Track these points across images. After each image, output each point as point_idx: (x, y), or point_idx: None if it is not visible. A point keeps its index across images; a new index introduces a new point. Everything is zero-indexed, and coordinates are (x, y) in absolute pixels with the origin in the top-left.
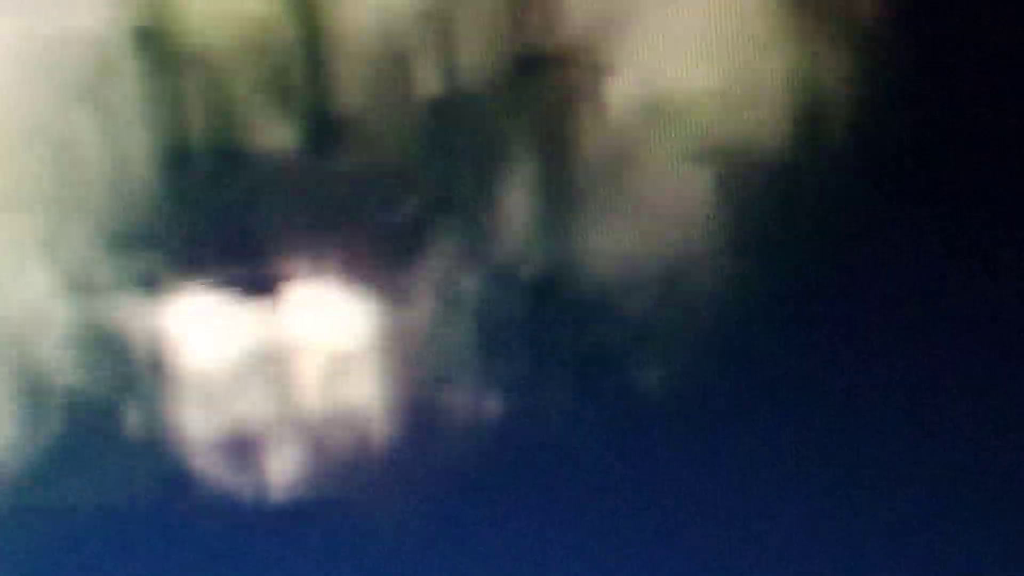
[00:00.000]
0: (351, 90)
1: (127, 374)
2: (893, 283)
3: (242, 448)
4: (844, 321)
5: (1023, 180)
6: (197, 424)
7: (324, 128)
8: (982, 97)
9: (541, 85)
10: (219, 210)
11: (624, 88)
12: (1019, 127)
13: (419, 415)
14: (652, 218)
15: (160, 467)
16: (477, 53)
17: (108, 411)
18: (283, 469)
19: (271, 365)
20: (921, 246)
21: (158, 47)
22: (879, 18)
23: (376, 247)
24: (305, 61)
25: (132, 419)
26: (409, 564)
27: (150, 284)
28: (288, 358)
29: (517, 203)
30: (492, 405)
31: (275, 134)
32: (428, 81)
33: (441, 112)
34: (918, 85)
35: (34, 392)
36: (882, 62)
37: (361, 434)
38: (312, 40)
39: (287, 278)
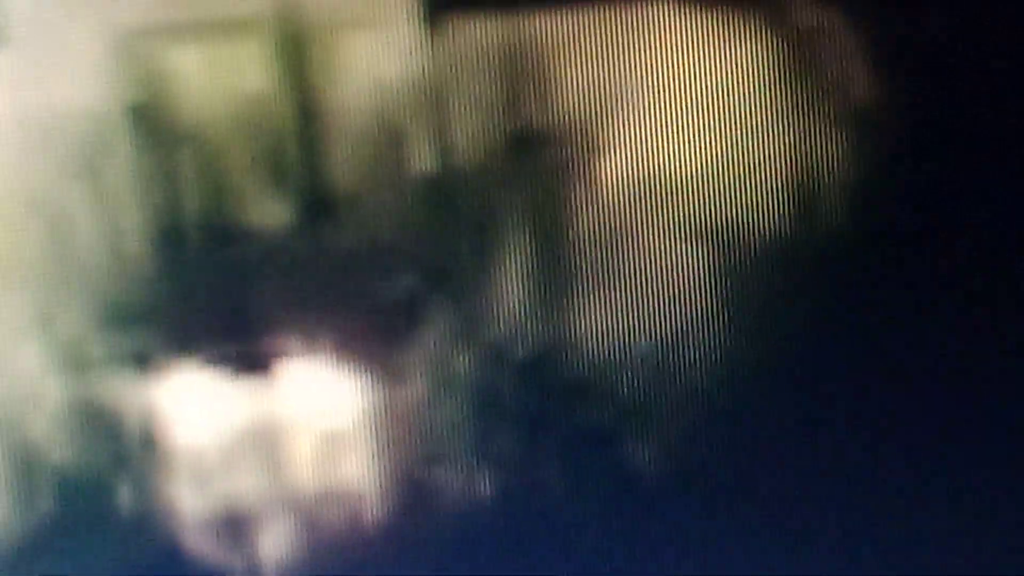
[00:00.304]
0: (345, 168)
1: (118, 451)
2: (892, 360)
3: (234, 526)
4: (843, 396)
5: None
6: (188, 502)
7: (318, 206)
8: (982, 176)
9: (535, 163)
10: (212, 287)
11: (618, 167)
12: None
13: (411, 493)
14: (646, 296)
15: (151, 545)
16: (471, 131)
17: (99, 489)
18: (275, 546)
19: (263, 443)
20: (921, 324)
21: (153, 124)
22: (877, 97)
23: (369, 325)
24: (299, 139)
25: (123, 497)
26: None
27: (142, 361)
28: (280, 436)
29: (510, 281)
30: (485, 483)
31: (269, 211)
32: (422, 159)
33: (434, 190)
34: (917, 164)
35: (25, 470)
36: (879, 141)
37: (353, 512)
38: (306, 118)
39: (280, 355)
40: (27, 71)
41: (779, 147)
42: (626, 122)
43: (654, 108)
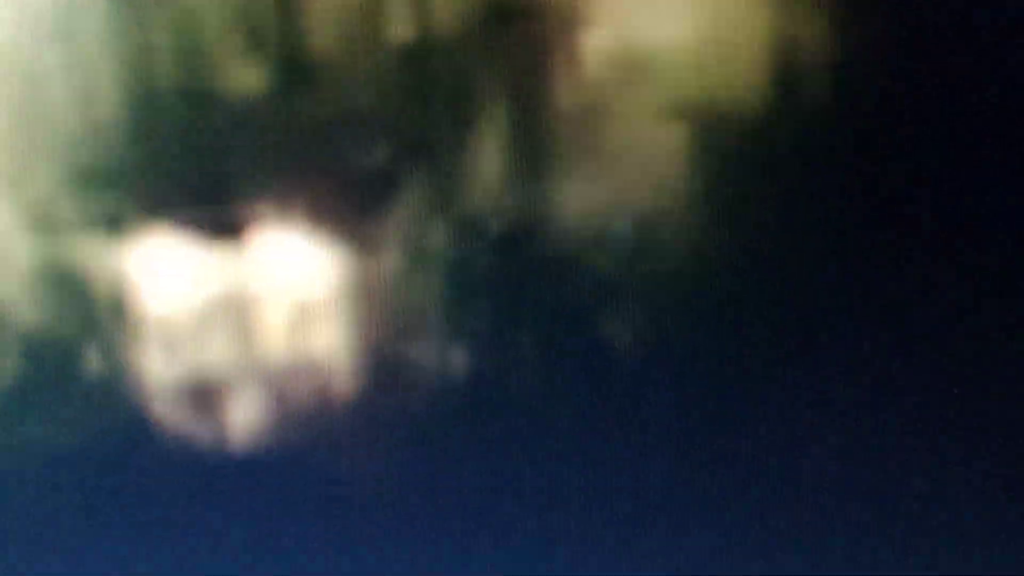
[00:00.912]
0: (323, 34)
1: (87, 315)
2: (866, 244)
3: (203, 395)
4: (817, 281)
5: (1000, 146)
6: (158, 369)
7: (294, 72)
8: (964, 61)
9: (515, 35)
10: (185, 151)
11: (599, 41)
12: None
13: (383, 366)
14: (624, 173)
15: (119, 412)
16: (452, 1)
17: (68, 352)
18: (245, 417)
19: (235, 310)
20: (896, 207)
21: None
22: None
23: (344, 194)
24: (277, 3)
25: (91, 362)
26: (370, 517)
27: (114, 224)
28: (252, 304)
29: (488, 154)
30: (458, 358)
31: (245, 76)
32: (401, 27)
33: (414, 60)
34: (898, 45)
35: None
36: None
37: (324, 384)
38: None
39: (252, 222)
40: None
41: (761, 26)
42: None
43: None
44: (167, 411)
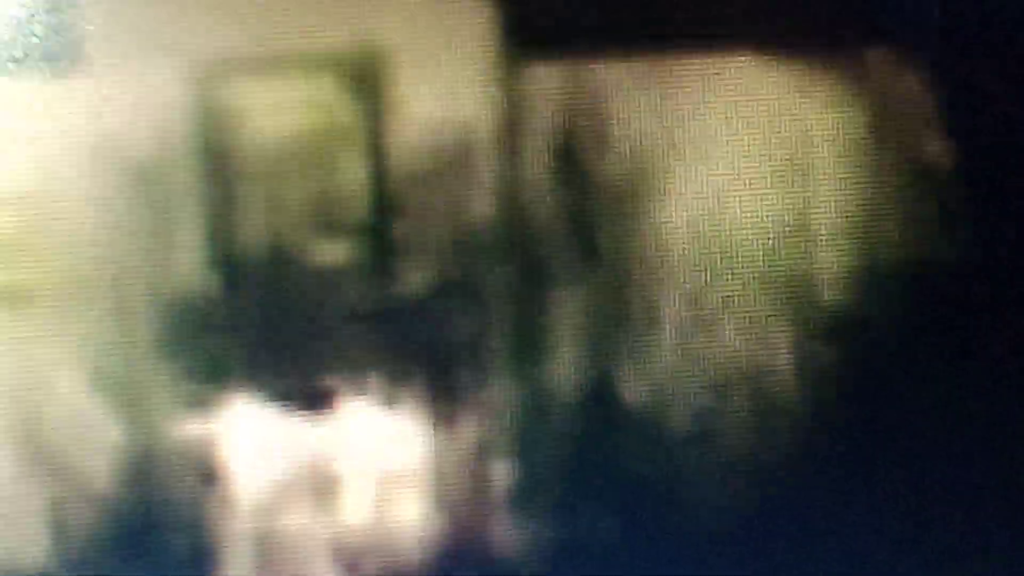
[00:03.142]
0: (408, 206)
1: (174, 490)
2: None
3: (283, 565)
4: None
5: None
6: (240, 540)
7: (380, 244)
8: None
9: (596, 209)
10: (272, 323)
11: (679, 217)
12: None
13: (463, 540)
14: (700, 346)
15: None
16: (535, 174)
17: (151, 527)
18: None
19: (318, 482)
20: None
21: (220, 156)
22: (948, 171)
23: (427, 366)
24: (364, 176)
25: (177, 536)
26: None
27: (200, 397)
28: (336, 476)
29: (569, 327)
30: (536, 531)
31: (331, 249)
32: (484, 200)
33: (496, 233)
34: (983, 241)
35: (76, 506)
36: (947, 217)
37: (403, 558)
38: (373, 155)
39: (338, 395)
40: (100, 94)
41: (843, 208)
42: (691, 172)
43: (721, 160)
44: None
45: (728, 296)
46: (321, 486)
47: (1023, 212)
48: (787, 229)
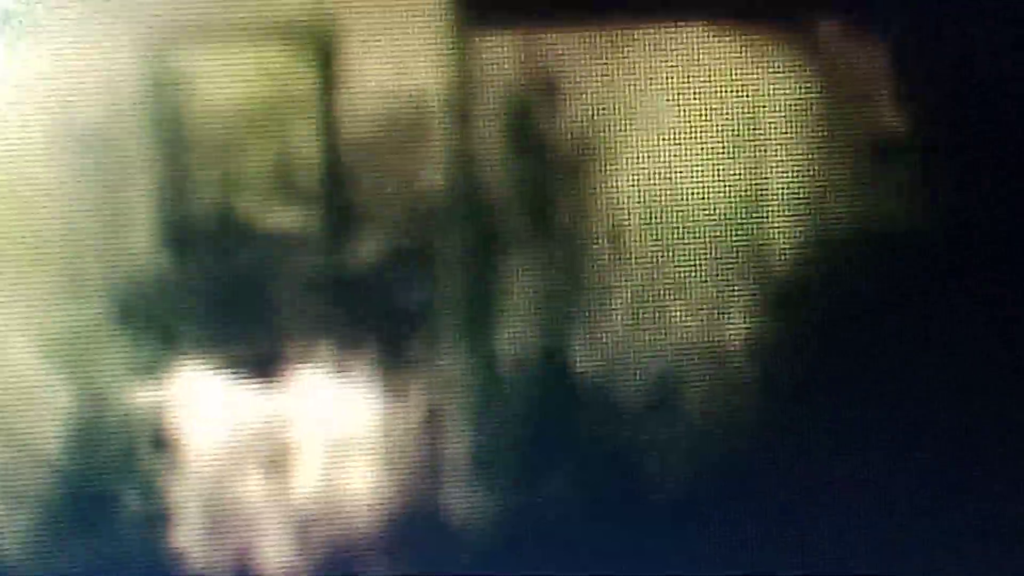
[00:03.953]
0: (361, 176)
1: (125, 454)
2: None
3: (236, 532)
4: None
5: None
6: (192, 506)
7: (333, 213)
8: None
9: (550, 178)
10: (223, 290)
11: (633, 185)
12: None
13: (415, 507)
14: (654, 317)
15: (152, 547)
16: (489, 143)
17: (103, 492)
18: (275, 555)
19: (268, 449)
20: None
21: (172, 123)
22: (899, 134)
23: (379, 335)
24: (317, 145)
25: (127, 500)
26: None
27: (149, 364)
28: (286, 443)
29: (522, 295)
30: (489, 499)
31: (284, 217)
32: (438, 169)
33: (449, 202)
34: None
35: (27, 472)
36: (899, 180)
37: (354, 524)
38: (325, 124)
39: (288, 362)
40: (51, 61)
41: (796, 179)
42: (645, 141)
43: (673, 128)
44: (201, 546)
45: (681, 267)
46: (273, 454)
47: (977, 183)
48: (740, 199)
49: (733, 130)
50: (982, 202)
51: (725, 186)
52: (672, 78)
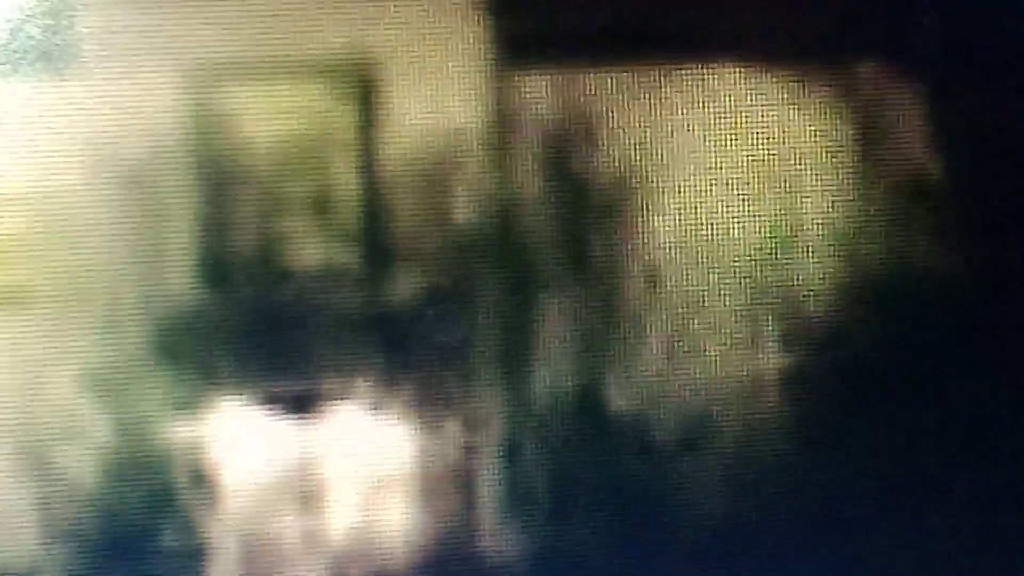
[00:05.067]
0: (399, 214)
1: (161, 491)
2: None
3: (271, 568)
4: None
5: None
6: (228, 541)
7: (371, 251)
8: None
9: (587, 217)
10: (260, 328)
11: (667, 220)
12: None
13: (448, 544)
14: (690, 355)
15: None
16: (525, 182)
17: (140, 529)
18: None
19: (305, 485)
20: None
21: (212, 160)
22: (935, 177)
23: (417, 373)
24: (355, 183)
25: (165, 537)
26: None
27: (187, 397)
28: (323, 479)
29: (558, 333)
30: (523, 540)
31: (322, 254)
32: (475, 208)
33: (486, 240)
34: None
35: (66, 508)
36: (934, 221)
37: (389, 562)
38: (365, 162)
39: (326, 399)
40: (93, 98)
41: (831, 219)
42: (681, 181)
43: (709, 168)
44: None
45: (716, 306)
46: (309, 490)
47: (1011, 223)
48: (775, 239)
49: (769, 170)
50: (1018, 243)
51: (761, 226)
52: (708, 119)
